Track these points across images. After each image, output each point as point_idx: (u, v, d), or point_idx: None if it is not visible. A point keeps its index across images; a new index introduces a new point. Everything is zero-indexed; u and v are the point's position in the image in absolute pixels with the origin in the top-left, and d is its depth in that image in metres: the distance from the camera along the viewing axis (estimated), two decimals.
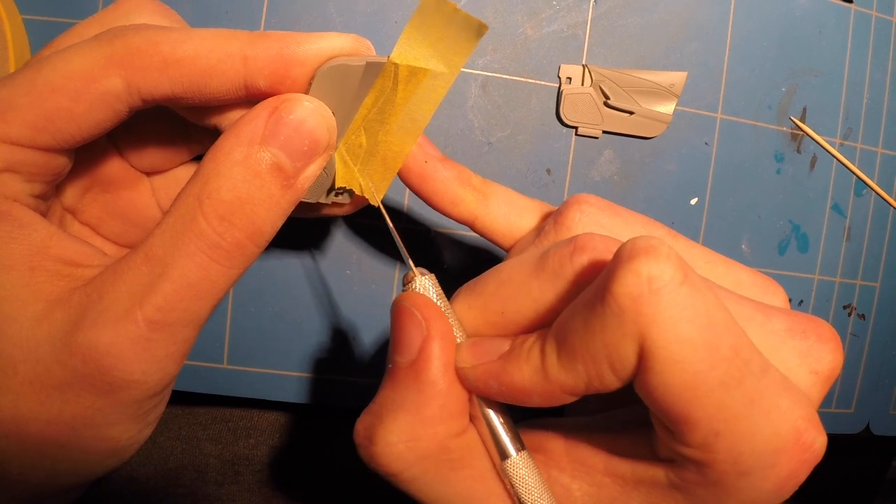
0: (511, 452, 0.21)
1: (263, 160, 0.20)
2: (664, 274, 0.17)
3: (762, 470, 0.18)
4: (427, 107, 0.22)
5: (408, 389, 0.21)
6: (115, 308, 0.19)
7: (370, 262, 0.35)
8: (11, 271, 0.20)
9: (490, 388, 0.21)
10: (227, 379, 0.35)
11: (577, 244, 0.20)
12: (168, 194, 0.29)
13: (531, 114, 0.35)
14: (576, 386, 0.19)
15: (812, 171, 0.39)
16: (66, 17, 0.33)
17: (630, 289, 0.17)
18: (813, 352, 0.20)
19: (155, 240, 0.20)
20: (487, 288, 0.22)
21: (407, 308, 0.21)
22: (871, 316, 0.41)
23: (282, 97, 0.21)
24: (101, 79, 0.20)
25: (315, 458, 0.39)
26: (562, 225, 0.23)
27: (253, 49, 0.21)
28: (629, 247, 0.17)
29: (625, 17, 0.36)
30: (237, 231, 0.20)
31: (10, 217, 0.20)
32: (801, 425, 0.18)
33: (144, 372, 0.20)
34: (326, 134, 0.21)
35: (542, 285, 0.20)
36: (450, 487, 0.21)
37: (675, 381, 0.17)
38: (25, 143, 0.20)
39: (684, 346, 0.17)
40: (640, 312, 0.17)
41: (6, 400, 0.19)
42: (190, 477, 0.38)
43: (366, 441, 0.21)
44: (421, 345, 0.21)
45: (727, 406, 0.17)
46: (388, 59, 0.21)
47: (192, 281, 0.20)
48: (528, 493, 0.21)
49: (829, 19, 0.39)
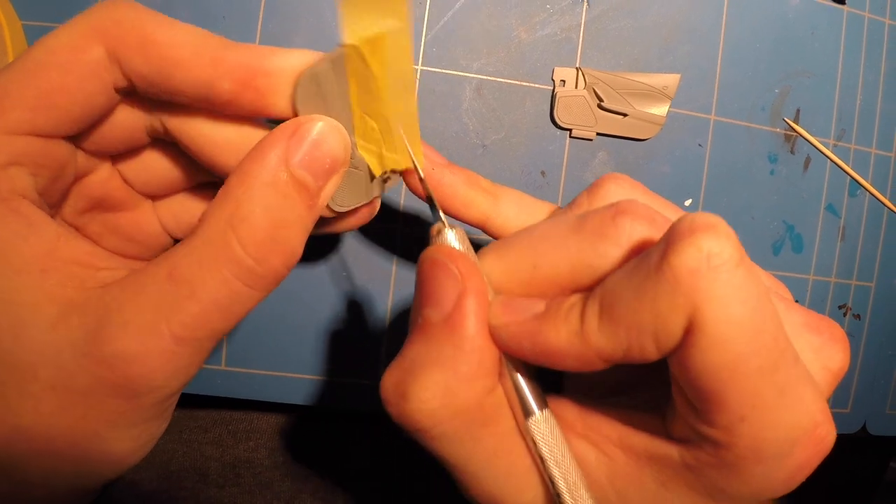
0: (535, 410, 0.21)
1: (291, 181, 0.20)
2: (724, 252, 0.17)
3: (778, 459, 0.18)
4: (403, 61, 0.22)
5: (443, 345, 0.20)
6: (140, 321, 0.19)
7: (367, 263, 0.35)
8: (23, 274, 0.20)
9: (522, 348, 0.20)
10: (226, 380, 0.35)
11: (619, 207, 0.20)
12: (172, 213, 0.29)
13: (525, 116, 0.36)
14: (614, 353, 0.19)
15: (806, 171, 0.39)
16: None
17: (689, 262, 0.17)
18: (826, 349, 0.20)
19: (181, 260, 0.20)
20: (521, 243, 0.22)
21: (441, 261, 0.21)
22: (866, 316, 0.41)
23: (299, 119, 0.21)
24: (86, 49, 0.21)
25: (315, 460, 0.39)
26: (596, 195, 0.23)
27: (223, 52, 0.21)
28: (690, 220, 0.17)
29: (618, 20, 0.36)
30: (273, 256, 0.20)
31: (19, 214, 0.20)
32: (819, 418, 0.18)
33: (168, 379, 0.20)
34: (343, 151, 0.22)
35: (580, 244, 0.20)
36: (477, 445, 0.21)
37: (718, 360, 0.17)
38: (25, 130, 0.21)
39: (733, 327, 0.17)
40: (696, 287, 0.17)
41: (27, 405, 0.19)
42: (191, 479, 0.38)
43: (397, 398, 0.21)
44: (457, 299, 0.20)
45: (759, 392, 0.17)
46: (343, 45, 0.21)
47: (221, 304, 0.20)
48: (550, 451, 0.21)
49: (822, 21, 0.39)
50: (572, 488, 0.21)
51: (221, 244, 0.20)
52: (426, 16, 0.35)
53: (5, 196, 0.20)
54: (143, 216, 0.28)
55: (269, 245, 0.20)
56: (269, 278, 0.21)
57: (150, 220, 0.29)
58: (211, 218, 0.20)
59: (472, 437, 0.21)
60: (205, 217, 0.20)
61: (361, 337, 0.36)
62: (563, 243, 0.21)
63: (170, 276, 0.20)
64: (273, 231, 0.20)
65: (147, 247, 0.29)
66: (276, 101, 0.22)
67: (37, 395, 0.19)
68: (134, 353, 0.19)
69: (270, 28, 0.34)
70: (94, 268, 0.21)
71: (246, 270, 0.20)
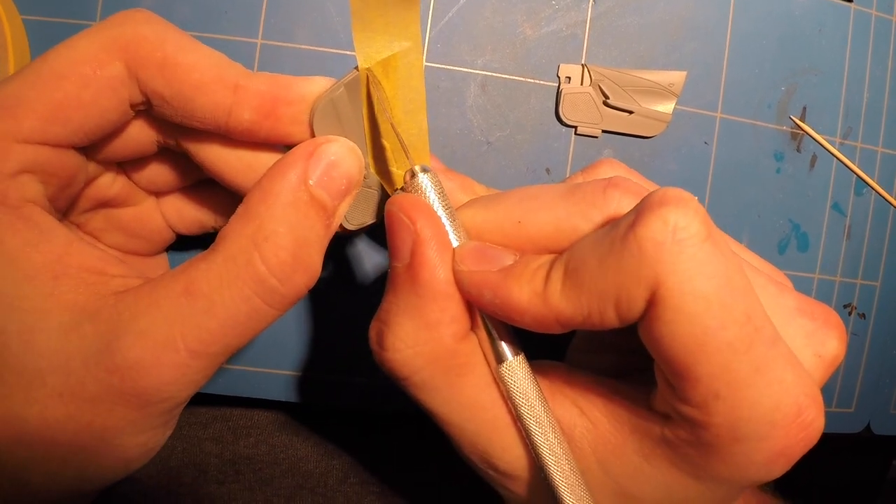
0: (507, 355, 0.21)
1: (311, 200, 0.21)
2: (690, 226, 0.17)
3: (756, 441, 0.18)
4: (415, 81, 0.22)
5: (408, 294, 0.21)
6: (154, 333, 0.19)
7: (367, 259, 0.35)
8: (34, 280, 0.20)
9: (483, 298, 0.21)
10: (226, 378, 0.35)
11: (611, 181, 0.20)
12: (176, 209, 0.29)
13: (530, 113, 0.36)
14: (573, 317, 0.19)
15: (812, 170, 0.39)
16: (66, 18, 0.33)
17: (655, 234, 0.17)
18: (819, 334, 0.20)
19: (200, 275, 0.20)
20: (511, 198, 0.22)
21: (394, 211, 0.21)
22: (871, 315, 0.41)
23: (317, 140, 0.21)
24: (106, 63, 0.21)
25: (315, 457, 0.39)
26: (590, 174, 0.24)
27: (245, 80, 0.22)
28: (660, 193, 0.17)
29: (624, 16, 0.36)
30: (296, 275, 0.20)
31: (30, 222, 0.20)
32: (803, 402, 0.18)
33: (179, 391, 0.20)
34: (358, 172, 0.22)
35: (568, 208, 0.20)
36: (456, 393, 0.21)
37: (684, 332, 0.17)
38: (38, 139, 0.20)
39: (698, 301, 0.17)
40: (660, 259, 0.17)
41: (33, 410, 0.19)
42: (191, 476, 0.38)
43: (377, 346, 0.21)
44: (412, 248, 0.20)
45: (732, 369, 0.17)
46: (358, 69, 0.22)
47: (239, 321, 0.20)
48: (521, 398, 0.21)
49: (829, 18, 0.39)
50: (545, 434, 0.21)
51: (244, 262, 0.20)
52: (431, 11, 0.34)
53: (16, 203, 0.20)
54: (146, 212, 0.28)
55: (293, 264, 0.20)
56: (291, 297, 0.21)
57: (154, 216, 0.29)
58: (233, 234, 0.20)
59: (450, 385, 0.21)
60: (226, 234, 0.20)
61: (361, 334, 0.35)
62: (552, 205, 0.21)
63: (187, 290, 0.20)
64: (297, 250, 0.20)
65: (150, 242, 0.29)
66: (298, 129, 0.22)
67: (43, 401, 0.19)
68: (148, 364, 0.19)
69: (273, 23, 0.33)
70: (105, 275, 0.21)
71: (269, 289, 0.20)
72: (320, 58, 0.34)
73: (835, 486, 0.47)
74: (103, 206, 0.27)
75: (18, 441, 0.20)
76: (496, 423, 0.22)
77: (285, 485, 0.39)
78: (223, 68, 0.22)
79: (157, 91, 0.21)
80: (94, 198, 0.26)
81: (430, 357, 0.21)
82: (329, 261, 0.35)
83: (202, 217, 0.29)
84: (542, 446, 0.20)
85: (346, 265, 0.35)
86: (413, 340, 0.21)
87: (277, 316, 0.21)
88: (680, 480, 0.20)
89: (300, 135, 0.23)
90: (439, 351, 0.21)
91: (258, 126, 0.22)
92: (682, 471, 0.20)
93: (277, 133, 0.23)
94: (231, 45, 0.33)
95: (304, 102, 0.22)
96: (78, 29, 0.32)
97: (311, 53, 0.34)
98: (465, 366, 0.21)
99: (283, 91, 0.22)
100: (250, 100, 0.22)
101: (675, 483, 0.20)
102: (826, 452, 0.18)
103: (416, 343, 0.20)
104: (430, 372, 0.21)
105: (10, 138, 0.20)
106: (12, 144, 0.20)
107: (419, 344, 0.21)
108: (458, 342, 0.21)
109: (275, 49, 0.33)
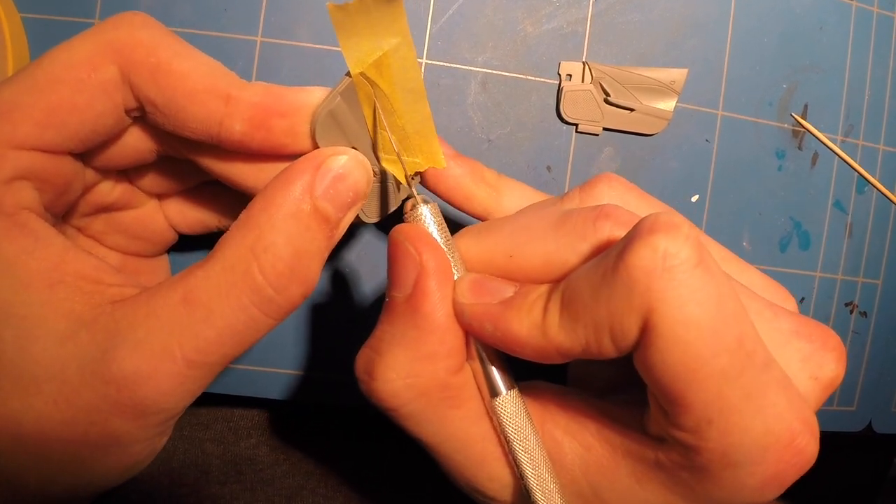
0: (501, 390, 0.21)
1: (314, 212, 0.20)
2: (681, 253, 0.17)
3: (749, 466, 0.18)
4: (410, 72, 0.22)
5: (405, 325, 0.21)
6: (152, 342, 0.19)
7: (367, 258, 0.35)
8: (30, 288, 0.20)
9: (484, 330, 0.20)
10: (227, 378, 0.35)
11: (602, 210, 0.20)
12: (178, 210, 0.29)
13: (531, 111, 0.35)
14: (572, 348, 0.19)
15: (813, 167, 0.39)
16: (65, 16, 0.33)
17: (644, 262, 0.17)
18: (816, 357, 0.20)
19: (198, 284, 0.20)
20: (502, 230, 0.22)
21: (400, 241, 0.21)
22: (873, 313, 0.41)
23: (325, 151, 0.21)
24: (99, 67, 0.20)
25: (316, 457, 0.39)
26: (588, 194, 0.23)
27: (238, 91, 0.21)
28: (651, 220, 0.17)
29: (625, 13, 0.36)
30: (293, 286, 0.20)
31: (26, 229, 0.20)
32: (796, 427, 0.18)
33: (177, 400, 0.20)
34: (365, 184, 0.22)
35: (558, 240, 0.20)
36: (446, 425, 0.21)
37: (676, 360, 0.17)
38: (33, 145, 0.20)
39: (689, 328, 0.17)
40: (651, 287, 0.17)
41: (28, 417, 0.19)
42: (192, 476, 0.38)
43: (366, 376, 0.21)
44: (416, 279, 0.20)
45: (724, 395, 0.17)
46: (350, 75, 0.21)
47: (237, 330, 0.20)
48: (515, 433, 0.21)
49: (830, 16, 0.39)
50: (536, 469, 0.21)
51: (242, 272, 0.20)
52: (431, 9, 0.34)
53: (11, 211, 0.20)
54: (148, 214, 0.28)
55: (290, 275, 0.20)
56: (287, 307, 0.21)
57: (156, 218, 0.28)
58: (232, 244, 0.20)
59: (440, 417, 0.21)
60: (225, 242, 0.20)
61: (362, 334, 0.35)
62: (542, 237, 0.21)
63: (185, 299, 0.20)
64: (294, 261, 0.20)
65: (152, 243, 0.29)
66: (292, 140, 0.22)
67: (38, 409, 0.19)
68: (145, 374, 0.19)
69: (273, 20, 0.33)
70: (102, 283, 0.21)
71: (265, 299, 0.20)
72: (321, 55, 0.34)
73: (836, 484, 0.47)
74: (104, 211, 0.27)
75: (15, 445, 0.20)
76: (484, 455, 0.22)
77: (286, 485, 0.38)
78: (216, 78, 0.21)
79: (149, 97, 0.21)
80: (95, 203, 0.26)
81: (422, 389, 0.20)
82: (329, 260, 0.35)
83: (205, 217, 0.29)
84: (532, 479, 0.21)
85: (346, 265, 0.35)
86: (406, 372, 0.20)
87: (274, 325, 0.21)
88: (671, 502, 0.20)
89: (294, 146, 0.22)
90: (432, 384, 0.21)
91: (250, 138, 0.22)
92: (675, 494, 0.20)
93: (270, 144, 0.22)
94: (231, 43, 0.33)
95: (297, 114, 0.22)
96: (77, 27, 0.32)
97: (311, 51, 0.34)
98: (455, 398, 0.21)
99: (276, 102, 0.22)
100: (242, 111, 0.21)
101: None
102: (827, 451, 0.18)
103: (410, 375, 0.20)
104: (420, 404, 0.21)
105: (4, 144, 0.20)
106: (7, 150, 0.20)
107: (412, 376, 0.20)
108: (451, 375, 0.21)
109: (275, 47, 0.33)
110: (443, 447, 0.21)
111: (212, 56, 0.33)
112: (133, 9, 0.33)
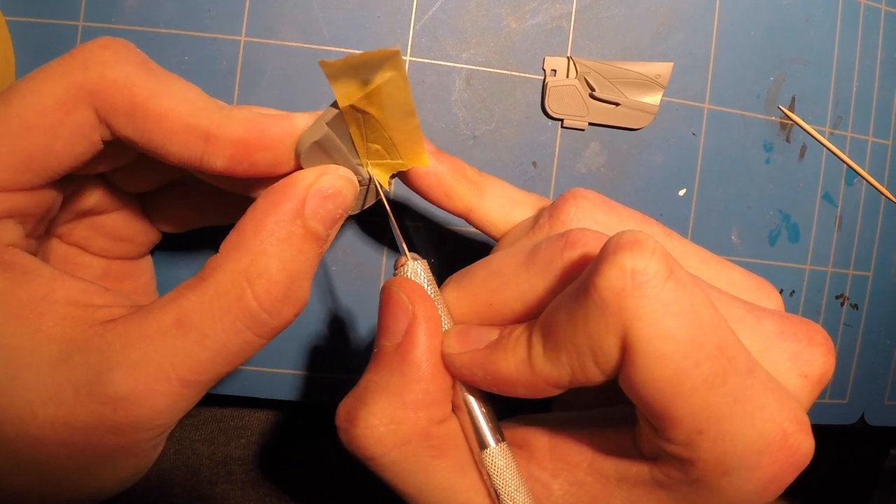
0: (490, 443, 0.21)
1: (306, 234, 0.21)
2: (648, 268, 0.17)
3: (745, 471, 0.18)
4: (402, 95, 0.22)
5: (392, 373, 0.21)
6: (146, 364, 0.19)
7: (357, 258, 0.35)
8: (20, 319, 0.20)
9: (475, 376, 0.21)
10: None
11: (568, 239, 0.20)
12: (159, 208, 0.29)
13: (516, 107, 0.35)
14: (560, 378, 0.19)
15: (802, 160, 0.39)
16: (50, 19, 0.33)
17: (613, 282, 0.17)
18: (803, 355, 0.20)
19: (191, 307, 0.20)
20: (476, 278, 0.22)
21: (394, 292, 0.21)
22: (863, 305, 0.41)
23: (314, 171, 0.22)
24: (73, 111, 0.20)
25: (306, 456, 0.39)
26: (556, 219, 0.23)
27: (218, 129, 0.21)
28: (615, 240, 0.17)
29: (609, 8, 0.36)
30: (286, 308, 0.21)
31: (13, 265, 0.20)
32: (788, 427, 0.18)
33: (173, 417, 0.21)
34: (353, 199, 0.22)
35: (531, 278, 0.20)
36: (429, 476, 0.21)
37: (657, 376, 0.17)
38: (11, 188, 0.21)
39: (667, 342, 0.17)
40: (623, 306, 0.17)
41: (23, 443, 0.20)
42: (183, 477, 0.38)
43: (346, 423, 0.21)
44: (406, 329, 0.21)
45: (711, 404, 0.17)
46: (337, 107, 0.21)
47: (230, 351, 0.20)
48: (504, 486, 0.21)
49: (818, 7, 0.39)
50: None
51: (236, 297, 0.20)
52: (414, 5, 0.34)
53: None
54: (129, 214, 0.28)
55: (283, 299, 0.21)
56: (280, 328, 0.21)
57: (138, 217, 0.28)
58: (225, 268, 0.20)
59: (422, 467, 0.21)
60: (217, 265, 0.21)
61: (352, 333, 0.35)
62: (514, 279, 0.21)
63: (178, 322, 0.20)
64: (289, 283, 0.20)
65: (136, 244, 0.29)
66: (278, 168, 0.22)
67: (34, 434, 0.20)
68: (142, 395, 0.19)
69: (256, 20, 0.33)
70: (91, 306, 0.21)
71: (259, 323, 0.20)
72: (305, 54, 0.34)
73: (830, 477, 0.47)
74: (86, 215, 0.27)
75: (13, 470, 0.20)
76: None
77: (277, 485, 0.38)
78: (195, 115, 0.21)
79: (126, 136, 0.21)
80: (75, 209, 0.26)
81: (404, 438, 0.20)
82: (327, 260, 0.35)
83: (188, 215, 0.29)
84: None
85: (344, 265, 0.35)
86: (389, 419, 0.20)
87: (265, 344, 0.21)
88: None
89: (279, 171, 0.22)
90: (413, 432, 0.20)
91: (232, 171, 0.22)
92: None
93: (254, 174, 0.22)
94: (214, 42, 0.33)
95: (280, 146, 0.22)
96: (62, 30, 0.32)
97: (295, 50, 0.34)
98: (438, 448, 0.21)
99: (258, 137, 0.21)
100: (222, 149, 0.21)
101: None
102: (820, 444, 0.18)
103: (392, 422, 0.20)
104: (401, 452, 0.20)
105: None
106: None
107: (395, 423, 0.20)
108: (435, 425, 0.21)
109: (259, 46, 0.33)
110: (424, 497, 0.21)
111: (196, 56, 0.33)
112: (117, 11, 0.33)
